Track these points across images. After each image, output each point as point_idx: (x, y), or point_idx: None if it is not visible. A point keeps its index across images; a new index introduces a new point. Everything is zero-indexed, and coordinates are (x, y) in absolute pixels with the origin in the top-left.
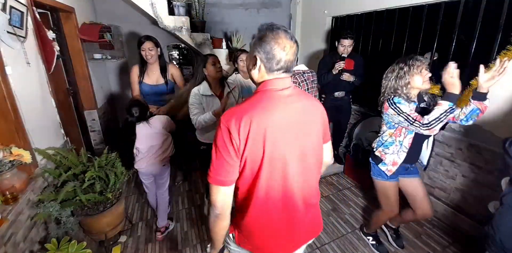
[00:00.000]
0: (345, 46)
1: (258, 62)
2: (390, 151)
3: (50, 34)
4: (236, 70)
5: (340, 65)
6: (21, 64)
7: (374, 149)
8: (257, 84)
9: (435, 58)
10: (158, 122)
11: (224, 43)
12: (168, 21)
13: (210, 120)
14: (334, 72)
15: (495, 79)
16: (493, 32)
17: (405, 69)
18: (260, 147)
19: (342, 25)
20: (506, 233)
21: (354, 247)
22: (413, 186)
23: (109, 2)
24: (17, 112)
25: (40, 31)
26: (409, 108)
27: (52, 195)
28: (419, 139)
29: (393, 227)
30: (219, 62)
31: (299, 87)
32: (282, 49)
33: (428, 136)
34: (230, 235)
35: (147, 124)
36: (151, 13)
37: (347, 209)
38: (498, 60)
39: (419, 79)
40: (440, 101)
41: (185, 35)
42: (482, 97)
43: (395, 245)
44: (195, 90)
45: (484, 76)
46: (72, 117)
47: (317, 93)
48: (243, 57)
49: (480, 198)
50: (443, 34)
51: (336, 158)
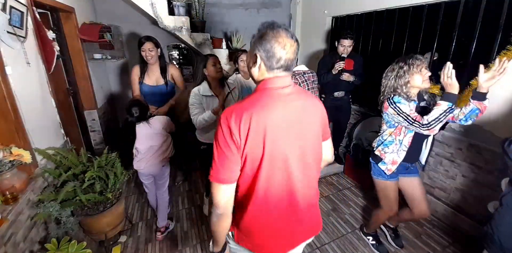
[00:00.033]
0: (345, 46)
1: (258, 60)
2: (390, 150)
3: (50, 34)
4: (237, 70)
5: (340, 65)
6: (21, 64)
7: (374, 149)
8: (257, 83)
9: (435, 58)
10: (158, 123)
11: (224, 43)
12: (168, 21)
13: (210, 119)
14: (334, 72)
15: (495, 79)
16: (493, 32)
17: (405, 68)
18: (260, 145)
19: (342, 25)
20: (505, 233)
21: (354, 247)
22: (412, 186)
23: (109, 2)
24: (17, 112)
25: (40, 31)
26: (409, 108)
27: (52, 195)
28: (419, 138)
29: (392, 227)
30: (220, 63)
31: None
32: (283, 48)
33: (428, 136)
34: (230, 233)
35: (147, 124)
36: (151, 13)
37: (347, 209)
38: (498, 60)
39: (419, 78)
40: (439, 101)
41: (185, 35)
42: (482, 97)
43: (394, 245)
44: (195, 90)
45: (484, 76)
46: (72, 117)
47: (318, 93)
48: (244, 58)
49: (480, 198)
50: (443, 34)
51: (336, 158)
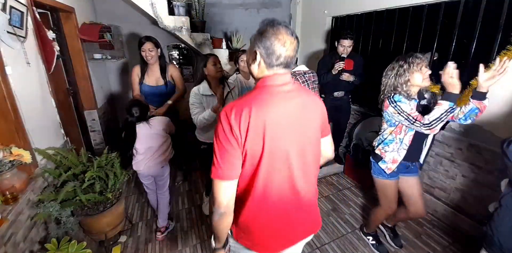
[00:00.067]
0: (345, 47)
1: (258, 57)
2: (390, 149)
3: (50, 34)
4: (237, 70)
5: (340, 66)
6: (21, 64)
7: (375, 147)
8: (257, 80)
9: (435, 58)
10: (159, 123)
11: (224, 43)
12: (168, 21)
13: (210, 117)
14: (334, 73)
15: (495, 79)
16: (493, 32)
17: (405, 67)
18: (260, 141)
19: (342, 25)
20: (505, 234)
21: (354, 247)
22: (411, 185)
23: (109, 2)
24: (17, 112)
25: (40, 31)
26: (410, 107)
27: (52, 195)
28: (420, 137)
29: (390, 226)
30: (220, 62)
31: None
32: (282, 45)
33: (428, 135)
34: (229, 231)
35: (147, 125)
36: (151, 13)
37: (347, 209)
38: (498, 60)
39: (419, 77)
40: (440, 101)
41: (185, 35)
42: (482, 97)
43: (393, 245)
44: (195, 90)
45: (484, 76)
46: (72, 117)
47: (318, 93)
48: (244, 58)
49: (480, 198)
50: (443, 34)
51: (336, 158)
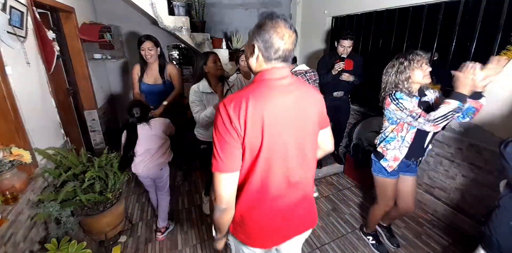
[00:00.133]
0: (345, 47)
1: (256, 51)
2: (392, 147)
3: (50, 34)
4: (238, 70)
5: (340, 66)
6: (21, 64)
7: (376, 145)
8: (255, 74)
9: (435, 58)
10: (159, 125)
11: (224, 43)
12: (168, 21)
13: (212, 115)
14: (334, 73)
15: (489, 79)
16: (493, 32)
17: (405, 64)
18: (259, 134)
19: (342, 25)
20: (504, 235)
21: (354, 247)
22: (407, 184)
23: (109, 2)
24: (17, 112)
25: (40, 31)
26: (412, 104)
27: (52, 195)
28: (422, 134)
29: (385, 225)
30: (220, 60)
31: None
32: (281, 38)
33: (429, 133)
34: (230, 223)
35: (147, 126)
36: (151, 13)
37: (347, 209)
38: (495, 59)
39: (420, 74)
40: (449, 100)
41: (185, 35)
42: (478, 96)
43: (390, 244)
44: (195, 88)
45: (480, 75)
46: (72, 117)
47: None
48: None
49: (480, 198)
50: (443, 34)
51: (336, 158)
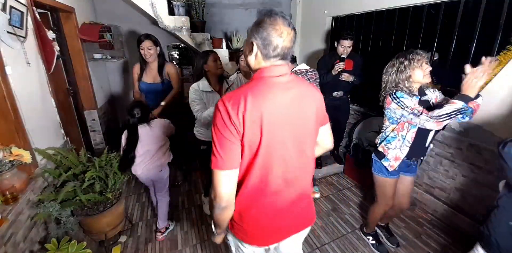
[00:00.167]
0: (345, 47)
1: (255, 48)
2: (393, 146)
3: (50, 34)
4: (239, 70)
5: (340, 66)
6: (21, 64)
7: (377, 145)
8: (254, 71)
9: (436, 58)
10: (159, 126)
11: (224, 43)
12: (168, 21)
13: None
14: (334, 73)
15: (481, 80)
16: (493, 32)
17: (406, 63)
18: (258, 131)
19: (342, 25)
20: (502, 235)
21: (354, 247)
22: (405, 184)
23: (109, 2)
24: (17, 112)
25: (40, 31)
26: (412, 102)
27: (52, 195)
28: (423, 134)
29: (383, 225)
30: (220, 59)
31: None
32: (279, 36)
33: (430, 131)
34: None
35: (148, 126)
36: (151, 13)
37: (347, 209)
38: (486, 61)
39: (420, 73)
40: (455, 100)
41: (185, 35)
42: (474, 97)
43: (389, 244)
44: (195, 86)
45: (483, 78)
46: (72, 117)
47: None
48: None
49: (480, 198)
50: (443, 34)
51: (336, 158)
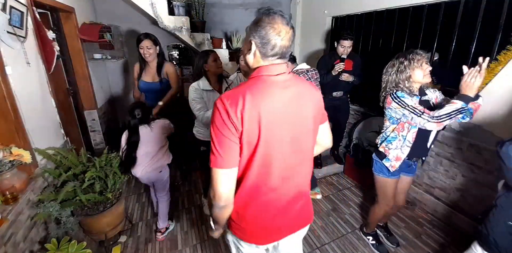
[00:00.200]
0: (345, 47)
1: (253, 47)
2: (394, 146)
3: (50, 34)
4: (239, 70)
5: (340, 67)
6: (21, 64)
7: (378, 145)
8: (252, 70)
9: (436, 58)
10: (160, 126)
11: (224, 43)
12: (168, 21)
13: None
14: (334, 73)
15: (478, 80)
16: (493, 32)
17: (405, 63)
18: (256, 129)
19: (342, 25)
20: (501, 234)
21: (354, 247)
22: (404, 183)
23: (109, 2)
24: (17, 112)
25: (40, 31)
26: (413, 102)
27: (52, 195)
28: (423, 134)
29: (382, 225)
30: (219, 58)
31: None
32: (278, 34)
33: (431, 131)
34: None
35: (149, 127)
36: (151, 13)
37: (347, 209)
38: (484, 62)
39: (420, 73)
40: (455, 100)
41: (185, 35)
42: (474, 97)
43: (389, 244)
44: (195, 85)
45: (479, 79)
46: (72, 117)
47: (320, 91)
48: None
49: (480, 198)
50: (443, 34)
51: (336, 158)
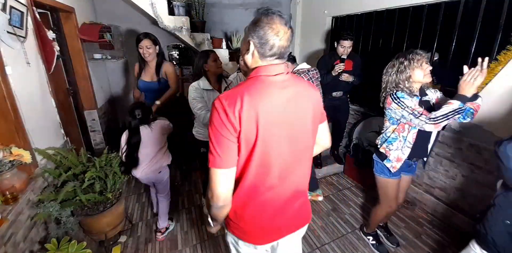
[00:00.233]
0: (345, 47)
1: (251, 47)
2: (394, 147)
3: (50, 34)
4: (239, 70)
5: (340, 67)
6: (21, 64)
7: (379, 146)
8: (251, 70)
9: (436, 59)
10: (160, 127)
11: (224, 43)
12: (168, 21)
13: None
14: (334, 74)
15: (477, 81)
16: (493, 32)
17: (405, 63)
18: (254, 129)
19: (342, 25)
20: (499, 233)
21: (354, 247)
22: (404, 183)
23: (109, 2)
24: (17, 112)
25: (40, 31)
26: (413, 103)
27: (52, 195)
28: (424, 135)
29: (382, 225)
30: (219, 58)
31: None
32: (276, 35)
33: (431, 132)
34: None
35: (149, 128)
36: (151, 13)
37: (347, 209)
38: (483, 63)
39: (420, 73)
40: (452, 101)
41: (185, 35)
42: (473, 97)
43: (389, 244)
44: (195, 85)
45: (479, 79)
46: (72, 117)
47: (321, 90)
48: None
49: (480, 198)
50: (443, 34)
51: (336, 158)
